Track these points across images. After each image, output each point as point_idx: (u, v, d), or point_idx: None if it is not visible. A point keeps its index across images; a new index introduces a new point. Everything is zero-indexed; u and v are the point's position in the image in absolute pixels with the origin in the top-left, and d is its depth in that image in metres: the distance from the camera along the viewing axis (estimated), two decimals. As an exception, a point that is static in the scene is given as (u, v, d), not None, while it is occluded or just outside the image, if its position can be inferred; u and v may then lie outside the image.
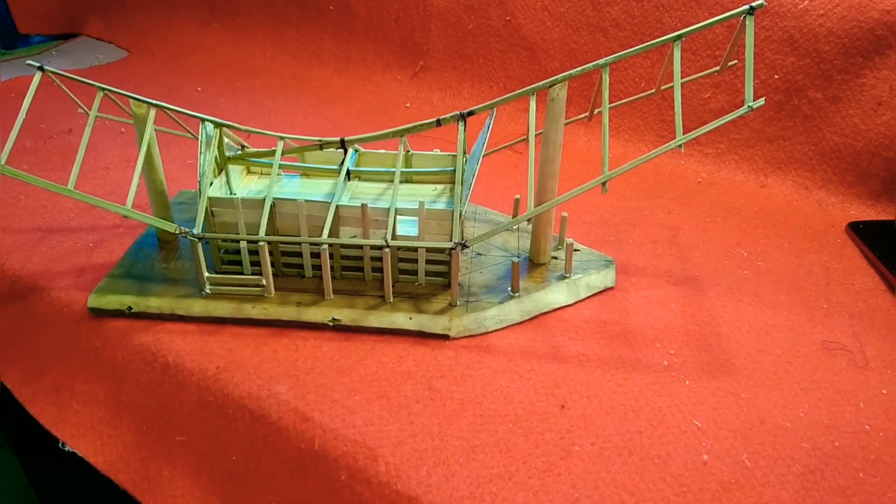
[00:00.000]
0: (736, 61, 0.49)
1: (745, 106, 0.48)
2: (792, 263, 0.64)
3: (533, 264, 0.60)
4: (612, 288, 0.59)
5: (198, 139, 0.58)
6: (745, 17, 0.49)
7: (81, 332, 0.56)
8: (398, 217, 0.54)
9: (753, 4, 0.49)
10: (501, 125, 0.93)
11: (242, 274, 0.57)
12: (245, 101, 1.08)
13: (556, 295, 0.57)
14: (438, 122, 0.54)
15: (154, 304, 0.56)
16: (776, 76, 0.79)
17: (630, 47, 0.89)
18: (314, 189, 0.62)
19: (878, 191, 0.74)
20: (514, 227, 0.65)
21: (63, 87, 0.58)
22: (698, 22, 0.83)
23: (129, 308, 0.56)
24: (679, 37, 0.50)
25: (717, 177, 0.82)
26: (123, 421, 0.53)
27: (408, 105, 1.06)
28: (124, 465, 0.52)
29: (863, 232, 0.68)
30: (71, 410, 0.56)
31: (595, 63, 0.51)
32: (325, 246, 0.53)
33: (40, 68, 0.55)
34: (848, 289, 0.60)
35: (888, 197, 0.73)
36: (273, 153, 0.59)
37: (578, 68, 0.51)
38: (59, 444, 0.54)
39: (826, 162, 0.77)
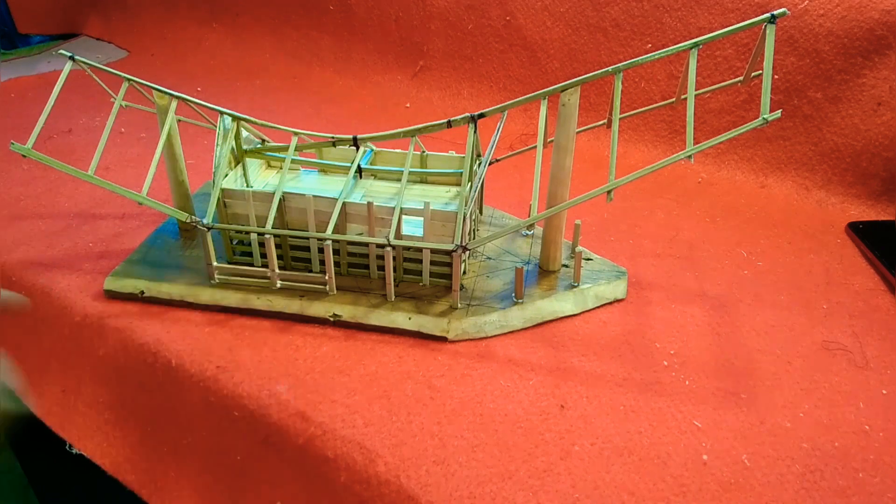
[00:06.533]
0: (760, 71, 0.48)
1: (760, 118, 0.46)
2: (792, 263, 0.64)
3: (543, 272, 0.60)
4: (622, 300, 0.58)
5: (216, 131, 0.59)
6: (766, 26, 0.48)
7: (85, 332, 0.56)
8: (406, 217, 0.54)
9: (776, 13, 0.47)
10: (505, 127, 0.93)
11: (253, 265, 0.58)
12: (245, 101, 1.08)
13: (561, 304, 0.56)
14: (449, 124, 0.54)
15: (165, 289, 0.57)
16: (776, 76, 0.79)
17: (630, 47, 0.90)
18: (329, 185, 0.62)
19: (878, 191, 0.74)
20: (526, 233, 0.65)
21: (94, 76, 0.61)
22: (698, 22, 0.84)
23: (142, 292, 0.57)
24: (696, 44, 0.49)
25: (717, 177, 0.82)
26: (129, 422, 0.54)
27: (408, 105, 1.06)
28: (131, 466, 0.52)
29: (863, 232, 0.68)
30: (77, 412, 0.56)
31: (605, 70, 0.50)
32: (329, 242, 0.54)
33: (71, 58, 0.57)
34: (848, 289, 0.60)
35: (888, 197, 0.73)
36: (288, 148, 0.60)
37: (591, 74, 0.50)
38: (67, 447, 0.54)
39: (826, 162, 0.77)
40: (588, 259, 0.61)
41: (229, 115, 0.59)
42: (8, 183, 0.79)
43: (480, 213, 0.67)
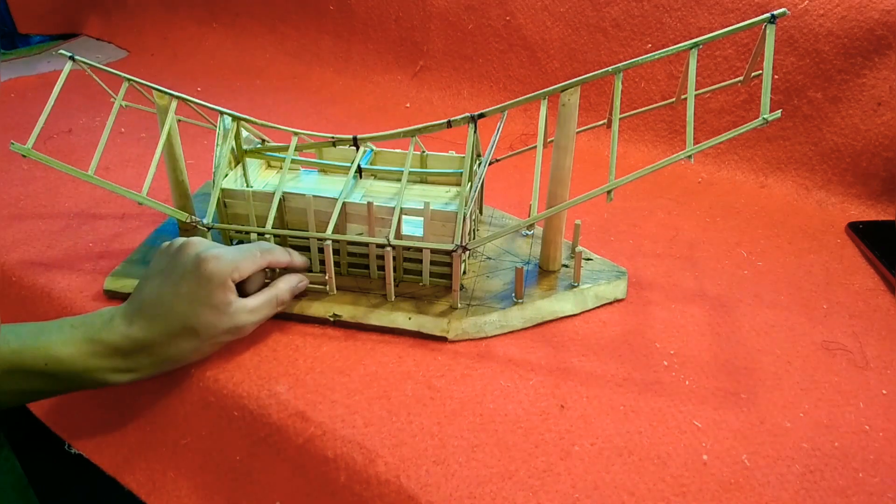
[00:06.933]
0: (760, 71, 0.48)
1: (760, 118, 0.46)
2: (792, 263, 0.64)
3: (543, 272, 0.59)
4: (622, 300, 0.58)
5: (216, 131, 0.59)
6: (766, 26, 0.48)
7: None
8: (405, 217, 0.54)
9: (775, 13, 0.47)
10: (505, 127, 0.93)
11: None
12: (245, 101, 1.08)
13: (561, 304, 0.56)
14: (449, 124, 0.54)
15: None
16: (776, 76, 0.79)
17: (630, 47, 0.90)
18: (329, 185, 0.63)
19: (878, 191, 0.74)
20: (526, 233, 0.65)
21: (94, 76, 0.61)
22: (698, 22, 0.84)
23: None
24: (696, 44, 0.49)
25: (717, 177, 0.82)
26: (128, 422, 0.53)
27: (408, 105, 1.06)
28: (129, 467, 0.52)
29: (863, 232, 0.68)
30: (76, 412, 0.56)
31: (605, 70, 0.50)
32: (329, 242, 0.54)
33: (71, 58, 0.57)
34: (848, 289, 0.60)
35: (888, 197, 0.73)
36: (288, 148, 0.60)
37: (591, 74, 0.50)
38: (66, 447, 0.54)
39: (826, 162, 0.77)
40: (588, 259, 0.61)
41: (229, 115, 0.59)
42: (8, 183, 0.79)
43: (480, 213, 0.67)
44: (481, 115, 0.54)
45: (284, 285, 0.52)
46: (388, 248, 0.53)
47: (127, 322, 0.46)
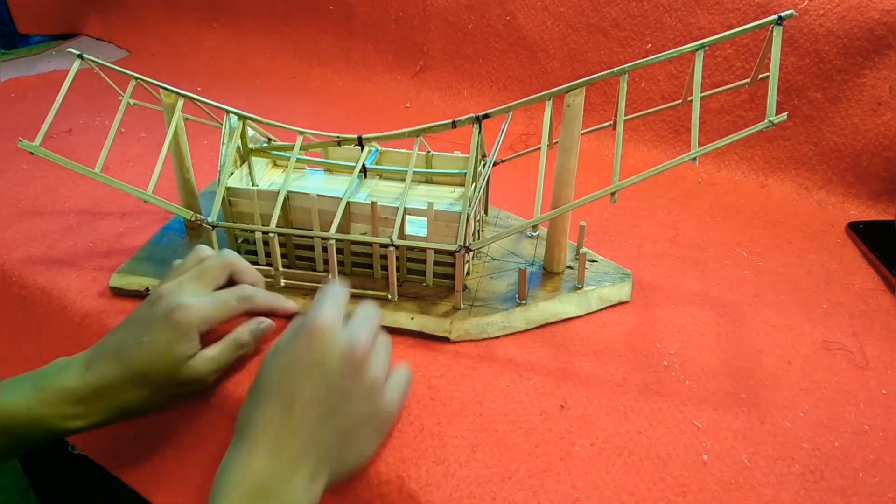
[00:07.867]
0: (768, 73, 0.48)
1: (766, 121, 0.46)
2: (792, 263, 0.64)
3: (547, 273, 0.59)
4: (626, 302, 0.58)
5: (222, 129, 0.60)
6: (773, 28, 0.48)
7: (86, 331, 0.56)
8: (409, 217, 0.54)
9: (783, 14, 0.47)
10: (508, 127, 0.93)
11: (257, 264, 0.58)
12: (245, 101, 1.08)
13: (565, 306, 0.56)
14: (454, 124, 0.54)
15: None
16: (776, 76, 0.79)
17: (630, 47, 0.90)
18: (335, 185, 0.62)
19: (878, 191, 0.74)
20: (531, 234, 0.65)
21: (102, 74, 0.61)
22: (698, 22, 0.84)
23: (147, 289, 0.57)
24: (703, 46, 0.49)
25: (718, 177, 0.82)
26: (129, 421, 0.53)
27: (408, 105, 1.06)
28: (131, 467, 0.52)
29: (863, 232, 0.68)
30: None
31: (611, 71, 0.50)
32: (332, 241, 0.54)
33: (80, 56, 0.57)
34: (848, 289, 0.60)
35: (888, 197, 0.74)
36: (294, 148, 0.60)
37: (597, 75, 0.50)
38: (69, 448, 0.54)
39: (826, 162, 0.77)
40: (593, 261, 0.61)
41: (236, 113, 0.59)
42: (8, 183, 0.79)
43: (486, 213, 0.67)
44: (486, 116, 0.54)
45: (244, 328, 0.50)
46: (392, 248, 0.53)
47: (84, 368, 0.46)
